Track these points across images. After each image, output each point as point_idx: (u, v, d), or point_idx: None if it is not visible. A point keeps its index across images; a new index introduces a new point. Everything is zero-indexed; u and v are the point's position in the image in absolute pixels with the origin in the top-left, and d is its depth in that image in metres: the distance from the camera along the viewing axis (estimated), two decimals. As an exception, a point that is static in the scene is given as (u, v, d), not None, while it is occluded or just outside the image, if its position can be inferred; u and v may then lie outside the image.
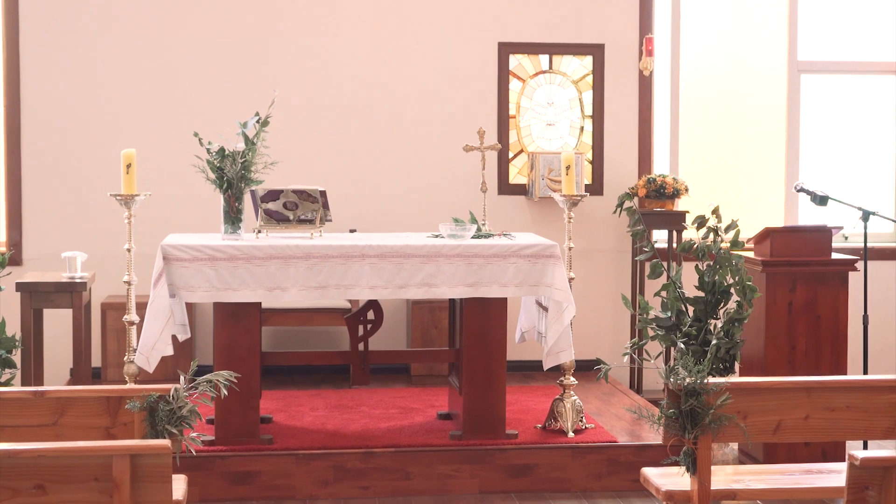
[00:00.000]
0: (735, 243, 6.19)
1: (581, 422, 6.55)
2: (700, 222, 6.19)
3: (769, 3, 8.64)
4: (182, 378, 4.32)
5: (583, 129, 8.49)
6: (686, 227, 7.96)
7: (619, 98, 8.48)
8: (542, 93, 8.46)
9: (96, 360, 7.93)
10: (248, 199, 6.49)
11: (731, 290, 6.07)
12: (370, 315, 6.59)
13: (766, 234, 6.55)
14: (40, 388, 4.34)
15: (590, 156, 8.47)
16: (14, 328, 7.27)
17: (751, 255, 6.60)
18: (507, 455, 6.25)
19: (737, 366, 6.11)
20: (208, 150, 6.34)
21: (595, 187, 8.45)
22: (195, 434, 4.34)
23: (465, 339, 6.38)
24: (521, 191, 8.44)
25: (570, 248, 6.53)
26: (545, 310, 6.42)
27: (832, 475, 4.80)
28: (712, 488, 4.50)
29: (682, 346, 5.98)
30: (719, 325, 6.03)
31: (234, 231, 6.35)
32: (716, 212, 6.18)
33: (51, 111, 8.12)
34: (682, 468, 4.49)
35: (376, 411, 7.02)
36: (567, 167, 6.42)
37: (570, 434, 6.44)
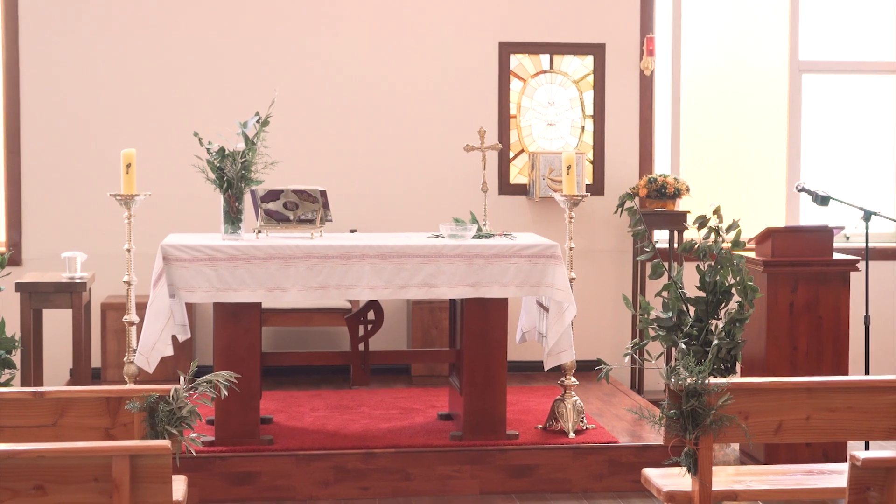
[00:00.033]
0: (736, 243, 6.17)
1: (582, 422, 6.53)
2: (701, 222, 6.18)
3: (770, 3, 8.63)
4: (182, 378, 4.32)
5: (584, 128, 8.48)
6: (687, 227, 7.93)
7: (620, 98, 8.47)
8: (542, 92, 8.45)
9: (96, 361, 7.92)
10: (248, 199, 6.48)
11: (733, 291, 6.06)
12: (370, 315, 6.59)
13: (768, 235, 6.54)
14: (40, 389, 4.34)
15: (591, 156, 8.46)
16: (13, 328, 7.27)
17: (752, 255, 6.59)
18: (507, 456, 6.24)
19: (738, 366, 6.10)
20: (208, 150, 6.33)
21: (596, 187, 8.44)
22: (195, 435, 4.33)
23: (466, 340, 6.37)
24: (521, 191, 8.43)
25: (570, 249, 6.52)
26: (546, 310, 6.40)
27: (834, 476, 4.80)
28: (713, 489, 4.49)
29: (684, 346, 5.97)
30: (720, 325, 6.02)
31: (235, 231, 6.34)
32: (717, 212, 6.17)
33: (50, 111, 8.11)
34: (684, 469, 4.48)
35: (377, 412, 7.01)
36: (568, 167, 6.42)
37: (571, 435, 6.43)
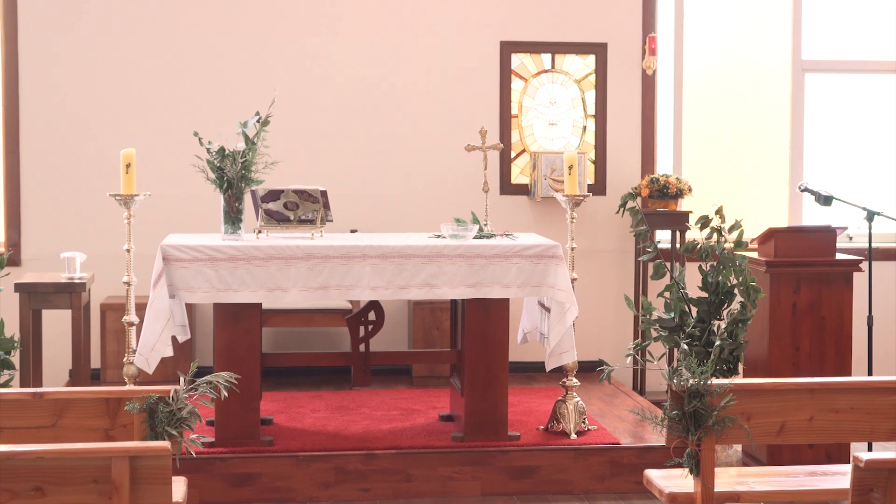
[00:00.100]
0: (739, 244, 6.15)
1: (583, 423, 6.52)
2: (703, 222, 6.16)
3: (773, 2, 8.61)
4: (182, 379, 4.31)
5: (585, 128, 8.46)
6: (689, 228, 7.93)
7: (622, 97, 8.45)
8: (544, 92, 8.43)
9: (95, 362, 7.91)
10: (248, 199, 6.46)
11: (735, 291, 6.05)
12: (371, 316, 6.57)
13: (770, 235, 6.52)
14: (39, 390, 4.33)
15: (592, 155, 8.44)
16: (13, 329, 7.24)
17: (754, 255, 6.57)
18: (509, 457, 6.22)
19: (740, 367, 6.09)
20: (208, 150, 6.31)
21: (598, 187, 8.42)
22: (195, 436, 4.31)
23: (467, 341, 6.35)
24: (523, 191, 8.41)
25: (572, 249, 6.50)
26: (547, 311, 6.39)
27: (836, 477, 4.80)
28: (716, 490, 4.48)
29: (686, 347, 5.95)
30: (723, 326, 6.01)
31: (235, 231, 6.32)
32: (719, 212, 6.15)
33: (50, 110, 8.09)
34: (686, 470, 4.47)
35: (377, 413, 6.99)
36: (570, 167, 6.40)
37: (573, 436, 6.42)
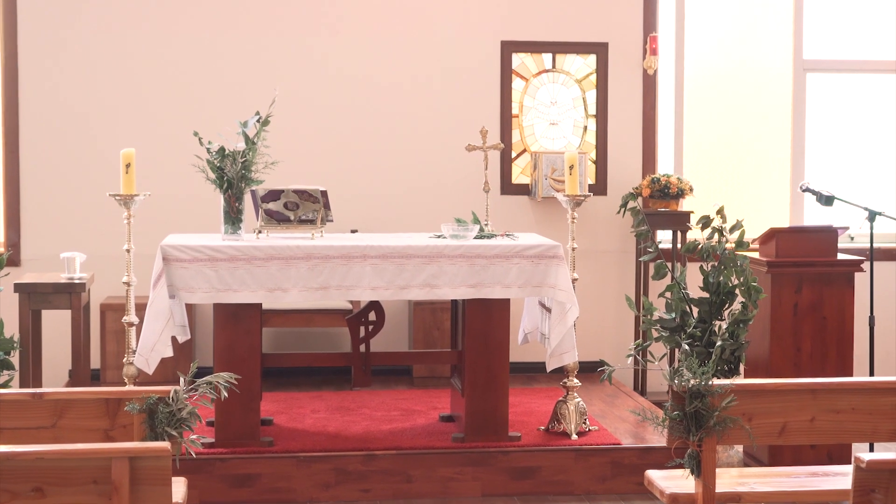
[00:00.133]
0: (740, 244, 6.14)
1: (584, 424, 6.50)
2: (705, 222, 6.15)
3: (774, 2, 8.59)
4: (182, 380, 4.30)
5: (586, 128, 8.45)
6: (690, 228, 7.92)
7: (622, 97, 8.44)
8: (545, 92, 8.42)
9: (95, 362, 7.90)
10: (248, 199, 6.46)
11: (736, 291, 6.04)
12: (372, 316, 6.56)
13: (772, 235, 6.51)
14: (39, 390, 4.33)
15: (593, 155, 8.43)
16: (12, 329, 7.22)
17: (756, 255, 6.56)
18: (509, 457, 6.21)
19: (742, 367, 6.08)
20: (208, 150, 6.30)
21: (598, 187, 8.41)
22: (195, 436, 4.31)
23: (468, 341, 6.34)
24: (523, 191, 8.40)
25: (573, 249, 6.49)
26: (548, 311, 6.37)
27: (838, 478, 4.79)
28: (717, 491, 4.47)
29: (687, 347, 5.94)
30: (724, 326, 5.99)
31: (235, 231, 6.31)
32: (720, 212, 6.14)
33: (49, 110, 8.08)
34: (687, 471, 4.47)
35: (378, 413, 6.98)
36: (570, 167, 6.39)
37: (574, 436, 6.41)
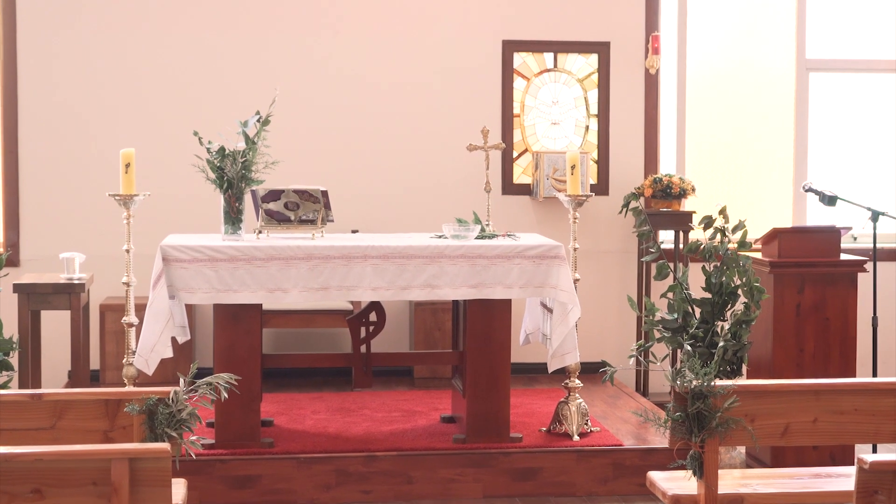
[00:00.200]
0: (742, 244, 6.13)
1: (586, 425, 6.49)
2: (707, 223, 6.13)
3: (776, 1, 8.57)
4: (182, 381, 4.29)
5: (588, 128, 8.43)
6: (693, 228, 7.91)
7: (624, 97, 8.42)
8: (546, 91, 8.40)
9: (95, 363, 7.88)
10: (248, 199, 6.44)
11: (739, 292, 6.03)
12: (372, 317, 6.55)
13: (774, 235, 6.50)
14: (38, 391, 4.32)
15: (595, 155, 8.41)
16: (11, 330, 7.20)
17: (758, 255, 6.55)
18: (511, 459, 6.20)
19: (744, 368, 6.06)
20: (208, 150, 6.29)
21: (600, 187, 8.39)
22: (195, 437, 4.29)
23: (469, 342, 6.32)
24: (525, 191, 8.38)
25: (575, 249, 6.48)
26: (550, 311, 6.36)
27: (841, 479, 4.78)
28: (720, 492, 4.46)
29: (689, 348, 5.92)
30: (726, 327, 5.98)
31: (235, 231, 6.29)
32: (723, 212, 6.13)
33: (49, 110, 8.07)
34: (689, 472, 4.46)
35: (378, 414, 6.96)
36: (572, 167, 6.37)
37: (576, 437, 6.39)
